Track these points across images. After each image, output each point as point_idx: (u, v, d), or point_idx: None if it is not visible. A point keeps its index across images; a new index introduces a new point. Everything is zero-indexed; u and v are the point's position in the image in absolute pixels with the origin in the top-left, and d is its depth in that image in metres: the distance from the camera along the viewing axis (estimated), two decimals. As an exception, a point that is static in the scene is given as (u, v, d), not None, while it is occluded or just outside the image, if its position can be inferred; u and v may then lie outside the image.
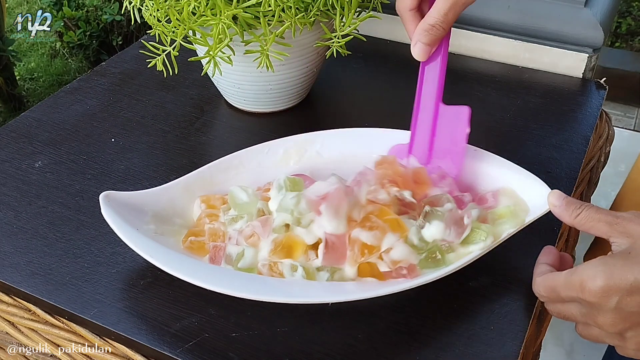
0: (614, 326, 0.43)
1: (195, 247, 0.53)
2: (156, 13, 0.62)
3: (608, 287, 0.41)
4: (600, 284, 0.41)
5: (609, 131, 0.75)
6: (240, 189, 0.55)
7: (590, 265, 0.43)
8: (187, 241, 0.53)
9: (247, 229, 0.52)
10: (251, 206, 0.54)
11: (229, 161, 0.59)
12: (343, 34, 0.63)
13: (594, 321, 0.44)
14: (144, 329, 0.49)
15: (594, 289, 0.42)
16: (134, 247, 0.49)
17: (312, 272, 0.48)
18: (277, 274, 0.49)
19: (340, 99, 0.77)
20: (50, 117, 0.72)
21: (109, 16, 2.00)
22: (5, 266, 0.54)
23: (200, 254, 0.52)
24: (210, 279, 0.48)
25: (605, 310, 0.42)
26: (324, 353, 0.47)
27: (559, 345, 1.23)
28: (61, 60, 2.24)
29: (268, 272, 0.49)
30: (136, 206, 0.54)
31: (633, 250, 0.42)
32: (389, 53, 0.85)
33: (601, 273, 0.42)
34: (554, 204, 0.49)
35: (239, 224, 0.53)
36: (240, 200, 0.54)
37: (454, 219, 0.49)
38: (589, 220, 0.46)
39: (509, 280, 0.52)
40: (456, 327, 0.49)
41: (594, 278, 0.42)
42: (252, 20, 0.60)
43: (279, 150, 0.60)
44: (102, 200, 0.52)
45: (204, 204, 0.56)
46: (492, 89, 0.77)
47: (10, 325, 0.53)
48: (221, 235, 0.53)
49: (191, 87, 0.77)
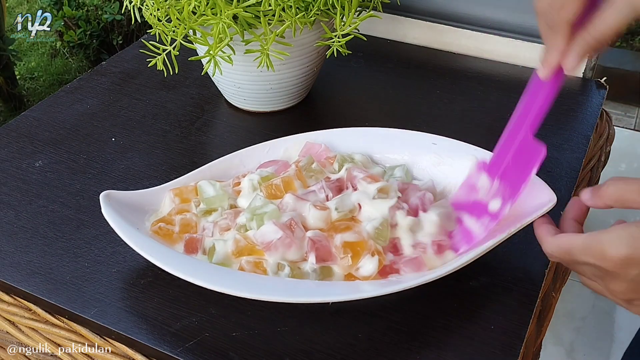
0: (625, 294, 0.42)
1: (163, 233, 0.53)
2: (156, 12, 0.62)
3: (630, 258, 0.40)
4: (623, 254, 0.40)
5: (609, 131, 0.75)
6: (209, 183, 0.56)
7: (614, 233, 0.41)
8: (157, 226, 0.53)
9: (222, 222, 0.53)
10: (219, 200, 0.55)
11: (230, 160, 0.59)
12: (343, 33, 0.63)
13: (605, 285, 0.43)
14: (145, 328, 0.49)
15: (616, 258, 0.40)
16: (133, 246, 0.49)
17: (299, 270, 0.49)
18: (261, 271, 0.49)
19: (340, 99, 0.77)
20: (51, 117, 0.72)
21: (109, 15, 2.00)
22: (6, 265, 0.54)
23: (167, 240, 0.53)
24: (210, 278, 0.48)
25: (621, 279, 0.41)
26: (325, 352, 0.47)
27: (559, 344, 1.23)
28: (61, 59, 2.24)
29: (252, 269, 0.49)
30: (136, 205, 0.54)
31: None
32: (389, 52, 0.85)
33: (625, 243, 0.40)
34: (584, 198, 0.46)
35: (212, 217, 0.54)
36: (207, 195, 0.55)
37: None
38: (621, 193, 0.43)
39: (509, 280, 0.52)
40: (456, 326, 0.49)
41: (617, 247, 0.40)
42: (252, 19, 0.60)
43: (280, 149, 0.60)
44: (103, 199, 0.52)
45: (177, 197, 0.56)
46: (492, 88, 0.77)
47: (10, 324, 0.53)
48: (193, 227, 0.53)
49: (191, 87, 0.77)
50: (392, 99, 0.76)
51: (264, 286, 0.48)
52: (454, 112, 0.74)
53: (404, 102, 0.76)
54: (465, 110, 0.74)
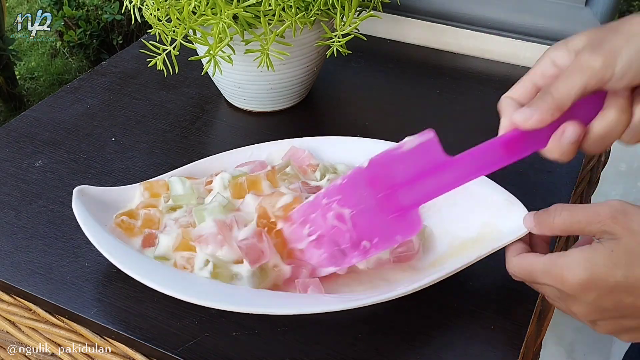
0: (586, 316, 0.43)
1: (125, 226, 0.52)
2: (156, 12, 0.62)
3: (587, 285, 0.41)
4: (581, 280, 0.41)
5: (609, 131, 0.75)
6: (179, 179, 0.55)
7: (573, 258, 0.42)
8: (120, 219, 0.53)
9: (182, 219, 0.52)
10: (187, 198, 0.54)
11: (210, 162, 0.59)
12: (343, 33, 0.63)
13: (567, 307, 0.44)
14: (145, 328, 0.49)
15: (574, 284, 0.41)
16: (96, 244, 0.49)
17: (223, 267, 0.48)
18: (190, 267, 0.49)
19: (340, 99, 0.77)
20: (51, 117, 0.72)
21: (109, 15, 2.00)
22: (6, 265, 0.54)
23: (128, 234, 0.52)
24: (166, 281, 0.47)
25: (580, 302, 0.42)
26: (325, 352, 0.47)
27: (559, 344, 1.23)
28: (61, 59, 2.24)
29: (184, 264, 0.49)
30: (111, 202, 0.54)
31: (616, 248, 0.40)
32: (390, 52, 0.85)
33: (583, 270, 0.41)
34: (529, 227, 0.47)
35: (176, 213, 0.53)
36: (176, 192, 0.54)
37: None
38: (568, 224, 0.43)
39: (509, 279, 0.52)
40: (456, 326, 0.49)
41: (575, 273, 0.41)
42: (252, 19, 0.60)
43: (262, 154, 0.60)
44: (75, 194, 0.52)
45: (146, 191, 0.55)
46: (492, 88, 0.77)
47: (10, 324, 0.53)
48: (156, 222, 0.53)
49: (191, 87, 0.77)
50: (392, 99, 0.76)
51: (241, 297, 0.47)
52: (454, 112, 0.74)
53: (404, 102, 0.76)
54: (466, 110, 0.74)
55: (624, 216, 0.41)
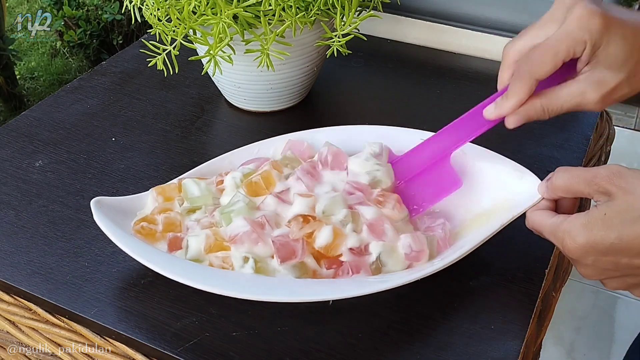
0: (591, 277, 0.46)
1: (145, 232, 0.52)
2: (156, 12, 0.62)
3: (585, 249, 0.43)
4: (578, 245, 0.43)
5: (609, 130, 0.75)
6: (193, 182, 0.55)
7: (572, 224, 0.44)
8: (139, 225, 0.52)
9: (204, 220, 0.52)
10: (204, 199, 0.54)
11: (218, 163, 0.59)
12: (343, 33, 0.63)
13: (576, 268, 0.47)
14: (145, 328, 0.49)
15: (572, 249, 0.44)
16: (129, 252, 0.49)
17: (264, 265, 0.49)
18: (229, 266, 0.49)
19: (340, 98, 0.77)
20: (51, 117, 0.72)
21: (109, 15, 2.00)
22: (6, 265, 0.54)
23: (150, 239, 0.52)
24: (207, 280, 0.47)
25: (583, 264, 0.45)
26: (325, 352, 0.47)
27: (559, 344, 1.23)
28: (61, 59, 2.24)
29: (220, 265, 0.49)
30: (126, 210, 0.54)
31: (609, 211, 0.42)
32: (390, 52, 0.85)
33: (580, 235, 0.43)
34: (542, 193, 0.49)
35: (196, 215, 0.53)
36: (192, 194, 0.54)
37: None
38: (568, 185, 0.46)
39: (509, 279, 0.52)
40: (457, 326, 0.49)
41: (574, 237, 0.44)
42: (252, 19, 0.60)
43: (269, 150, 0.60)
44: (94, 206, 0.52)
45: (160, 196, 0.55)
46: (492, 88, 0.77)
47: (10, 324, 0.53)
48: (178, 225, 0.53)
49: (191, 87, 0.77)
50: (392, 99, 0.76)
51: (264, 286, 0.48)
52: (454, 112, 0.74)
53: (404, 102, 0.76)
54: (465, 110, 0.74)
55: (619, 177, 0.43)
